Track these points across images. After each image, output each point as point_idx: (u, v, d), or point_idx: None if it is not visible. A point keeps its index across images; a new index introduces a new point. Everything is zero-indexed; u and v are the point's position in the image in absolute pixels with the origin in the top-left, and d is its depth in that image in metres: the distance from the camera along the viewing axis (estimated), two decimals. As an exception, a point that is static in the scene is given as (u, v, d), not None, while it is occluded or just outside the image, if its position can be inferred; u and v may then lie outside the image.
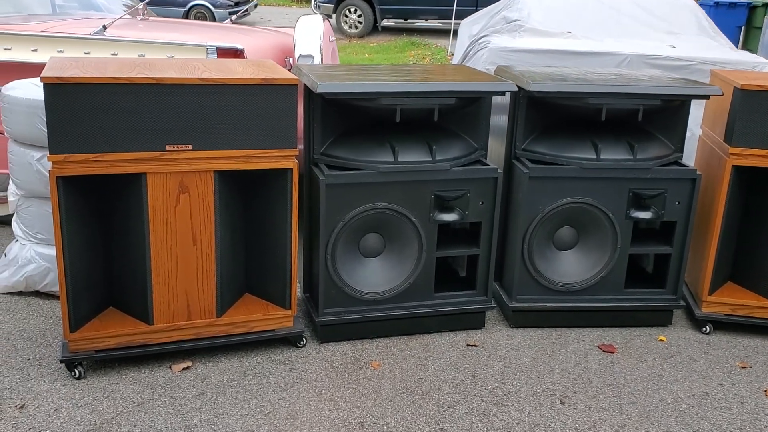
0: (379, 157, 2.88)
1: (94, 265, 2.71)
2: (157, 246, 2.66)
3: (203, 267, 2.75)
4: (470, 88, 2.87)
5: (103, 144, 2.48)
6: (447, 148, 2.98)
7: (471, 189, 2.99)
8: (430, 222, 2.99)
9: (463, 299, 3.15)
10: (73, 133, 2.45)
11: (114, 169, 2.53)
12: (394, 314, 3.06)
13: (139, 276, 2.71)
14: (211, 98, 2.55)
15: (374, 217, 2.93)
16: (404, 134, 2.96)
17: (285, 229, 2.82)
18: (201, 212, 2.68)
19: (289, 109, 2.66)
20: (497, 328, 3.24)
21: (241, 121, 2.61)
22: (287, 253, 2.84)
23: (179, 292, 2.75)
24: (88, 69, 2.55)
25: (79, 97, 2.42)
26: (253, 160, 2.68)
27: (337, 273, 2.95)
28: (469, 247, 3.12)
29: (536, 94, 3.00)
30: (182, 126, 2.55)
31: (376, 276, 3.03)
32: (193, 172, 2.63)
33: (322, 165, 2.93)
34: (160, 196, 2.61)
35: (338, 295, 2.98)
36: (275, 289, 2.93)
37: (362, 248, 3.00)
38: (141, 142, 2.52)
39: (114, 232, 2.74)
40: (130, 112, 2.48)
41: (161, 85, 2.49)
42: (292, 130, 2.69)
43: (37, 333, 3.02)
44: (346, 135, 2.98)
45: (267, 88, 2.60)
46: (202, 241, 2.72)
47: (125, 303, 2.82)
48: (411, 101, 2.81)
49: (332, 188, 2.83)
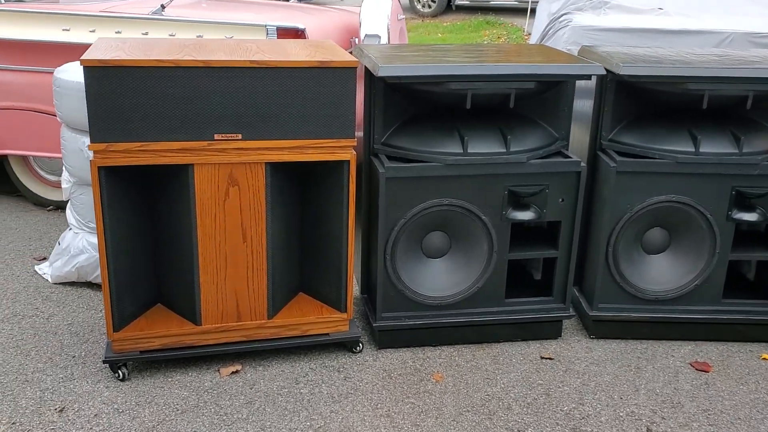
0: (447, 148, 2.61)
1: (139, 260, 2.55)
2: (205, 242, 2.47)
3: (254, 265, 2.55)
4: (552, 71, 2.55)
5: (147, 132, 2.30)
6: (523, 137, 2.68)
7: (550, 184, 2.68)
8: (503, 221, 2.70)
9: (537, 306, 2.85)
10: (115, 120, 2.27)
11: (159, 159, 2.34)
12: (459, 321, 2.79)
13: (187, 274, 2.52)
14: (263, 83, 2.33)
15: (439, 215, 2.66)
16: (475, 122, 2.68)
17: (341, 226, 2.58)
18: (251, 207, 2.47)
19: (347, 95, 2.41)
20: (575, 339, 2.93)
21: (295, 108, 2.38)
22: (343, 253, 2.61)
23: (228, 291, 2.56)
24: (132, 51, 2.36)
25: (122, 82, 2.23)
26: (307, 151, 2.44)
27: (396, 275, 2.69)
28: (546, 248, 2.81)
29: (627, 78, 2.65)
30: (232, 113, 2.34)
31: (440, 279, 2.76)
32: (243, 163, 2.42)
33: (383, 156, 2.67)
34: (208, 189, 2.41)
35: (398, 299, 2.73)
36: (330, 291, 2.71)
37: (425, 248, 2.74)
38: (187, 130, 2.32)
39: (160, 226, 2.56)
40: (176, 98, 2.28)
41: (209, 68, 2.28)
42: (351, 118, 2.44)
43: (85, 328, 2.89)
44: (409, 123, 2.71)
45: (323, 71, 2.36)
46: (252, 238, 2.51)
47: (173, 301, 2.65)
48: (484, 86, 2.51)
49: (393, 182, 2.57)
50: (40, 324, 2.92)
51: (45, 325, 2.91)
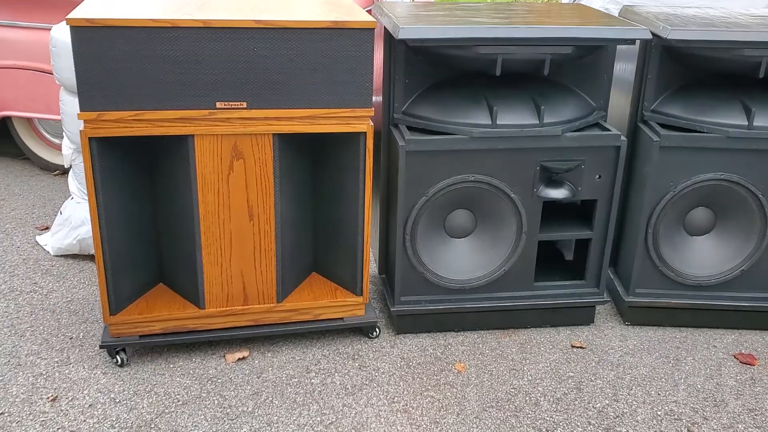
0: (473, 119, 2.36)
1: (137, 238, 2.36)
2: (208, 220, 2.27)
3: (261, 245, 2.35)
4: (592, 34, 2.28)
5: (141, 100, 2.08)
6: (558, 108, 2.42)
7: (586, 159, 2.44)
8: (534, 199, 2.46)
9: (569, 290, 2.63)
10: (106, 86, 2.05)
11: (155, 129, 2.13)
12: (483, 306, 2.58)
13: (188, 254, 2.33)
14: (270, 45, 2.09)
15: (464, 192, 2.43)
16: (505, 90, 2.43)
17: (356, 204, 2.36)
18: (258, 182, 2.26)
19: (363, 60, 2.17)
20: (608, 326, 2.72)
21: (305, 73, 2.14)
22: (359, 233, 2.39)
23: (234, 273, 2.36)
24: (126, 9, 2.13)
25: (113, 44, 2.01)
26: (319, 121, 2.22)
27: (417, 256, 2.48)
28: (580, 229, 2.58)
29: (675, 44, 2.38)
30: (235, 79, 2.11)
31: (463, 260, 2.55)
32: (249, 134, 2.20)
33: (403, 127, 2.44)
34: (210, 163, 2.20)
35: (418, 282, 2.53)
36: (345, 272, 2.51)
37: (448, 227, 2.52)
38: (187, 98, 2.10)
39: (160, 202, 2.36)
40: (174, 61, 2.06)
41: (210, 29, 2.05)
42: (368, 86, 2.20)
43: (85, 306, 2.73)
44: (432, 90, 2.47)
45: (337, 32, 2.12)
46: (259, 216, 2.31)
47: (175, 282, 2.46)
48: (516, 50, 2.26)
49: (414, 156, 2.34)
50: (37, 301, 2.75)
51: (43, 302, 2.75)
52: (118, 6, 2.16)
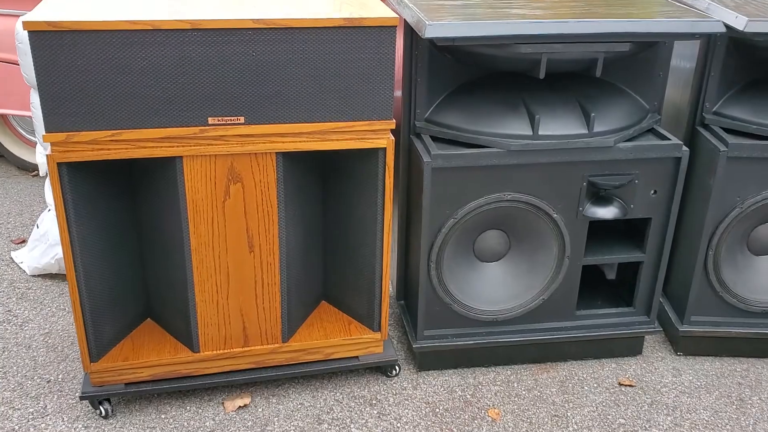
0: (511, 128, 2.02)
1: (119, 273, 2.02)
2: (200, 253, 1.94)
3: (263, 280, 2.02)
4: (658, 28, 1.92)
5: (119, 117, 1.73)
6: (607, 113, 2.08)
7: (640, 173, 2.10)
8: (579, 219, 2.13)
9: (615, 319, 2.31)
10: (76, 102, 1.70)
11: (137, 151, 1.78)
12: (518, 340, 2.26)
13: (179, 291, 2.00)
14: (272, 49, 1.74)
15: (498, 212, 2.10)
16: (546, 93, 2.08)
17: (374, 230, 2.03)
18: (259, 208, 1.92)
19: (383, 64, 1.81)
20: (657, 356, 2.40)
21: (314, 81, 1.79)
22: (376, 262, 2.06)
23: (232, 311, 2.04)
24: (95, 8, 1.77)
25: (82, 52, 1.65)
26: (330, 137, 1.87)
27: (443, 286, 2.15)
28: (630, 250, 2.25)
29: (750, 37, 2.02)
30: (231, 90, 1.76)
31: (495, 288, 2.22)
32: (248, 154, 1.85)
33: (426, 137, 2.09)
34: (202, 188, 1.86)
35: (444, 313, 2.20)
36: (360, 305, 2.18)
37: (478, 249, 2.19)
38: (173, 113, 1.75)
39: (144, 229, 2.02)
40: (156, 71, 1.70)
41: (199, 31, 1.69)
42: (388, 94, 1.85)
43: (65, 339, 2.40)
44: (461, 93, 2.11)
45: (352, 31, 1.76)
46: (261, 247, 1.97)
47: (165, 320, 2.14)
48: (564, 48, 1.90)
49: (442, 173, 2.00)
50: (11, 333, 2.43)
51: (17, 334, 2.42)
52: (85, 4, 1.80)
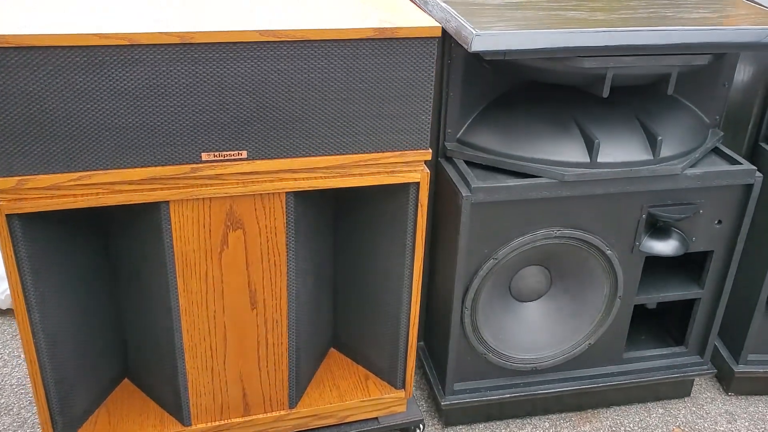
0: (563, 154, 1.69)
1: (91, 337, 1.64)
2: (192, 314, 1.57)
3: (267, 340, 1.67)
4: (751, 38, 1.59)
5: (88, 155, 1.34)
6: (672, 133, 1.76)
7: (705, 201, 1.80)
8: (634, 255, 1.83)
9: (666, 361, 2.03)
10: (29, 139, 1.30)
11: (110, 198, 1.40)
12: (559, 390, 1.96)
13: (166, 356, 1.64)
14: (283, 67, 1.37)
15: (544, 249, 1.78)
16: (601, 110, 1.75)
17: (400, 274, 1.69)
18: (265, 258, 1.57)
19: (421, 82, 1.46)
20: (705, 397, 2.14)
21: (335, 106, 1.43)
22: (402, 311, 1.73)
23: (230, 377, 1.69)
24: (52, 16, 1.37)
25: (37, 74, 1.26)
26: (352, 171, 1.52)
27: (478, 334, 1.84)
28: (686, 287, 1.96)
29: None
30: (231, 119, 1.39)
31: (534, 332, 1.91)
32: (251, 195, 1.49)
33: (460, 162, 1.75)
34: (193, 237, 1.49)
35: (477, 363, 1.89)
36: (379, 357, 1.85)
37: (515, 288, 1.87)
38: (157, 149, 1.37)
39: (122, 285, 1.65)
40: (135, 96, 1.32)
41: (190, 45, 1.30)
42: (424, 119, 1.50)
43: (22, 395, 2.02)
44: (497, 109, 1.77)
45: (385, 44, 1.40)
46: (265, 302, 1.62)
47: (147, 384, 1.77)
48: (635, 63, 1.57)
49: (482, 209, 1.67)
50: (-46, 392, 2.04)
51: (-38, 392, 2.03)
52: (35, 11, 1.39)
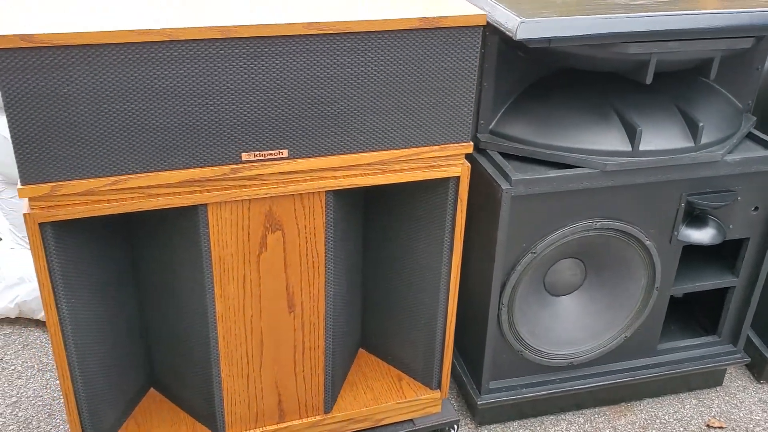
0: (603, 143, 1.65)
1: (119, 348, 1.58)
2: (228, 320, 1.51)
3: (304, 344, 1.61)
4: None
5: (123, 159, 1.28)
6: (710, 119, 1.73)
7: (742, 188, 1.77)
8: (672, 244, 1.79)
9: (699, 351, 2.01)
10: (63, 143, 1.23)
11: (147, 202, 1.33)
12: (595, 384, 1.93)
13: (200, 366, 1.57)
14: (327, 61, 1.30)
15: (582, 241, 1.74)
16: (638, 96, 1.71)
17: (437, 272, 1.64)
18: (303, 259, 1.51)
19: (464, 73, 1.41)
20: (737, 385, 2.12)
21: (376, 99, 1.37)
22: (438, 311, 1.68)
23: (266, 384, 1.63)
24: (79, 13, 1.29)
25: (72, 74, 1.18)
26: (392, 167, 1.46)
27: (514, 331, 1.80)
28: (721, 275, 1.93)
29: None
30: (272, 117, 1.32)
31: (570, 326, 1.88)
32: (291, 195, 1.43)
33: (495, 153, 1.70)
34: (231, 241, 1.43)
35: (512, 361, 1.85)
36: (413, 357, 1.80)
37: (549, 282, 1.83)
38: (196, 150, 1.31)
39: (149, 292, 1.58)
40: (174, 95, 1.25)
41: (233, 40, 1.24)
42: (466, 111, 1.45)
43: (39, 408, 1.95)
44: (531, 98, 1.73)
45: (430, 35, 1.34)
46: (303, 305, 1.56)
47: (176, 394, 1.71)
48: (679, 47, 1.53)
49: (521, 202, 1.62)
50: (-32, 406, 1.96)
51: (-24, 407, 1.95)
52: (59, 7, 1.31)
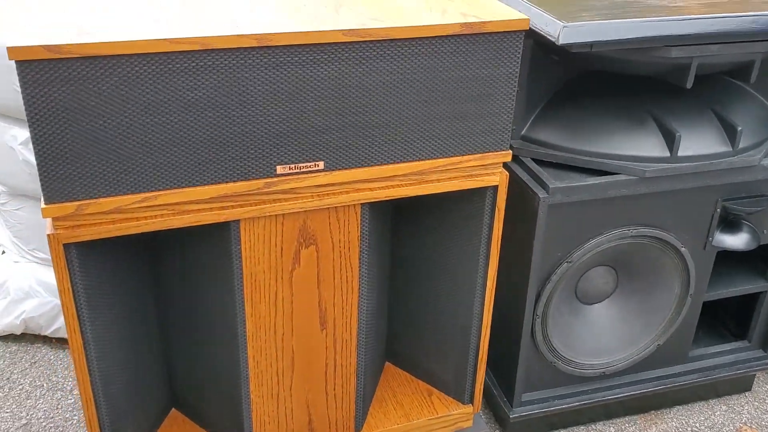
0: (640, 149, 1.60)
1: (142, 370, 1.51)
2: (259, 339, 1.45)
3: (336, 361, 1.55)
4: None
5: (152, 175, 1.21)
6: (745, 123, 1.68)
7: (776, 192, 1.73)
8: (707, 250, 1.75)
9: (730, 357, 1.97)
10: (90, 158, 1.16)
11: (178, 219, 1.26)
12: (627, 394, 1.88)
13: (228, 386, 1.51)
14: (365, 69, 1.24)
15: (616, 249, 1.69)
16: (674, 100, 1.66)
17: (472, 284, 1.58)
18: (337, 274, 1.45)
19: (506, 80, 1.35)
20: (765, 389, 2.09)
21: (415, 108, 1.31)
22: (473, 323, 1.62)
23: (296, 404, 1.57)
24: (108, 20, 1.22)
25: (99, 86, 1.11)
26: (430, 177, 1.40)
27: (548, 342, 1.75)
28: (753, 280, 1.90)
29: None
30: (308, 128, 1.26)
31: (602, 335, 1.83)
32: (326, 209, 1.36)
33: (527, 159, 1.65)
34: (264, 257, 1.36)
35: (545, 372, 1.80)
36: (444, 371, 1.74)
37: (580, 290, 1.78)
38: (229, 164, 1.24)
39: (174, 311, 1.51)
40: (206, 106, 1.18)
41: (270, 49, 1.17)
42: (506, 118, 1.40)
43: (52, 429, 1.87)
44: (563, 102, 1.67)
45: (472, 40, 1.28)
46: (335, 321, 1.50)
47: (201, 415, 1.64)
48: (720, 51, 1.48)
49: (558, 210, 1.57)
50: (-23, 429, 1.88)
51: (-14, 429, 1.88)
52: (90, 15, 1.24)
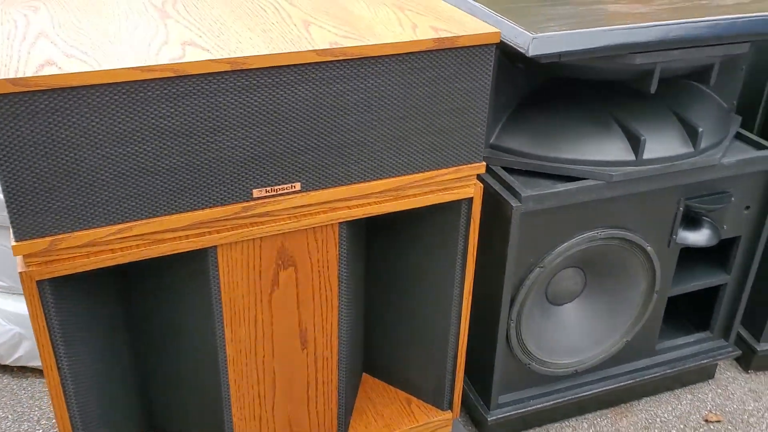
0: (606, 153, 1.63)
1: (119, 402, 1.47)
2: (240, 363, 1.43)
3: (317, 379, 1.54)
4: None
5: (127, 205, 1.17)
6: (705, 123, 1.73)
7: (735, 189, 1.79)
8: (670, 248, 1.80)
9: (694, 348, 2.03)
10: (61, 193, 1.12)
11: (154, 249, 1.23)
12: (599, 389, 1.93)
13: (209, 412, 1.48)
14: (341, 88, 1.23)
15: (584, 251, 1.72)
16: (635, 104, 1.70)
17: (449, 293, 1.59)
18: (316, 294, 1.43)
19: (478, 93, 1.36)
20: (727, 378, 2.16)
21: (390, 125, 1.31)
22: (451, 331, 1.63)
23: (279, 423, 1.55)
24: (75, 46, 1.18)
25: (70, 118, 1.07)
26: (406, 192, 1.40)
27: (522, 345, 1.77)
28: (714, 274, 1.96)
29: None
30: (284, 150, 1.24)
31: (573, 335, 1.86)
32: (304, 230, 1.35)
33: (497, 168, 1.66)
34: (242, 281, 1.34)
35: (520, 374, 1.83)
36: (423, 379, 1.75)
37: (551, 292, 1.81)
38: (205, 190, 1.22)
39: (152, 341, 1.47)
40: (180, 133, 1.15)
41: (243, 72, 1.15)
42: (479, 131, 1.40)
43: (21, 465, 1.81)
44: (529, 109, 1.69)
45: (444, 55, 1.28)
46: (316, 341, 1.49)
47: None
48: (682, 56, 1.52)
49: (530, 217, 1.59)
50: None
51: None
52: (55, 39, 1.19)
